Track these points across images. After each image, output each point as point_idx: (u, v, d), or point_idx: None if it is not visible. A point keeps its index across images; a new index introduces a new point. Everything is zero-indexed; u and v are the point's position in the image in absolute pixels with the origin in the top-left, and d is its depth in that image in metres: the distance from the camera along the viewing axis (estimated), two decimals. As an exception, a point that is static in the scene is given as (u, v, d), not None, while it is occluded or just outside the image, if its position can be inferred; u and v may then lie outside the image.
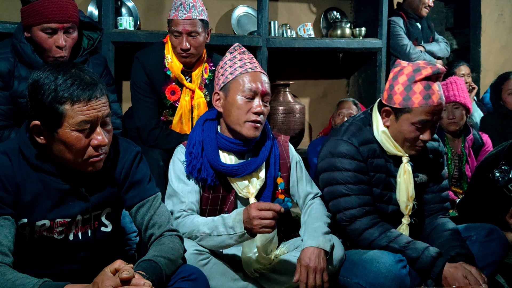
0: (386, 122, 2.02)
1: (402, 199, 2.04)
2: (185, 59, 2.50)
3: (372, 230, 1.97)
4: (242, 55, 1.98)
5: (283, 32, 3.62)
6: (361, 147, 2.01)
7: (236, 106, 1.90)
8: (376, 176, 2.03)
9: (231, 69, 1.95)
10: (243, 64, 1.94)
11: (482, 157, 2.83)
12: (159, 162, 2.39)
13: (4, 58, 2.21)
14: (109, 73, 2.51)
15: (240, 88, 1.91)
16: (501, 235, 2.08)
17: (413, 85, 1.94)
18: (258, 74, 1.93)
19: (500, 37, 4.73)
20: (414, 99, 1.93)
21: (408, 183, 2.03)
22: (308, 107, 4.05)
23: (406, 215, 2.07)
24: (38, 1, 2.13)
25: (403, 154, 2.03)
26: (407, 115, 1.95)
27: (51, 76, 1.44)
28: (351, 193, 1.99)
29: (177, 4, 2.46)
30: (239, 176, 1.94)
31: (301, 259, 1.84)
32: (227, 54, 2.01)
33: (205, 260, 1.77)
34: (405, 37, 3.85)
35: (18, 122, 2.27)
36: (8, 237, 1.42)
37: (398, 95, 1.97)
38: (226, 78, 1.95)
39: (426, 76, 1.93)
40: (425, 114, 1.93)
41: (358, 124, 2.08)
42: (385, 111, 2.02)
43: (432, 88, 1.93)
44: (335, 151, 2.02)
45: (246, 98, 1.90)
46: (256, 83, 1.91)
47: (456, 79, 2.99)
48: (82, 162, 1.50)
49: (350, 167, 1.99)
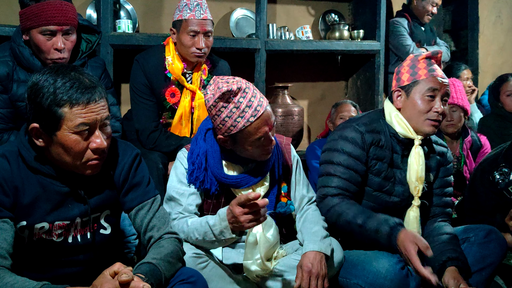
0: (398, 105, 2.10)
1: (411, 179, 2.07)
2: (199, 59, 2.54)
3: (338, 208, 1.99)
4: (239, 103, 1.78)
5: (281, 35, 3.62)
6: (367, 134, 2.07)
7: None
8: (378, 164, 2.08)
9: (231, 120, 1.79)
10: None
11: (480, 158, 2.83)
12: (158, 165, 2.39)
13: (3, 61, 2.21)
14: (108, 76, 2.51)
15: (252, 136, 1.80)
16: (500, 236, 2.08)
17: (417, 63, 2.10)
18: (263, 116, 1.80)
19: (498, 39, 4.74)
20: (420, 72, 2.07)
21: (418, 164, 2.06)
22: (307, 109, 4.06)
23: (416, 196, 2.09)
24: (37, 4, 2.13)
25: (415, 136, 2.07)
26: (416, 87, 2.06)
27: (50, 79, 1.44)
28: (336, 174, 2.05)
29: (193, 5, 2.50)
30: (243, 187, 1.92)
31: (302, 264, 1.82)
32: (219, 102, 1.79)
33: (204, 264, 1.77)
34: (408, 38, 3.90)
35: (17, 125, 2.27)
36: (7, 240, 1.42)
37: (405, 73, 2.10)
38: (229, 129, 1.81)
39: (427, 56, 2.10)
40: (432, 83, 2.04)
41: (371, 117, 2.16)
42: (396, 92, 2.12)
43: (434, 66, 2.09)
44: (342, 133, 2.10)
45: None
46: (264, 127, 1.80)
47: (454, 81, 2.99)
48: (81, 165, 1.50)
49: (348, 150, 2.05)
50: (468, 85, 3.82)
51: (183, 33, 2.51)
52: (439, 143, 2.25)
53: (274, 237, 1.90)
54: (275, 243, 1.91)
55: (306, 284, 1.79)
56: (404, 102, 2.09)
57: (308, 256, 1.83)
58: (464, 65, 3.96)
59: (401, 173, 2.10)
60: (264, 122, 1.80)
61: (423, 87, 2.05)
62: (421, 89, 2.05)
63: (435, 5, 4.02)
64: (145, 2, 3.40)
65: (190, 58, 2.54)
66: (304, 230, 1.98)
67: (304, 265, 1.81)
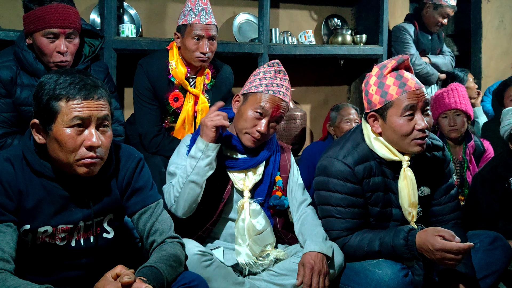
0: (377, 130, 1.97)
1: (404, 205, 1.98)
2: (203, 63, 2.55)
3: (351, 243, 1.96)
4: (276, 74, 2.03)
5: (284, 39, 3.63)
6: (357, 167, 1.95)
7: (244, 117, 2.00)
8: (374, 196, 1.99)
9: (259, 82, 2.02)
10: (271, 83, 2.00)
11: (483, 164, 2.82)
12: (161, 169, 2.40)
13: (7, 66, 2.22)
14: (111, 80, 2.52)
15: (254, 104, 1.99)
16: (505, 243, 2.06)
17: (384, 79, 1.92)
18: (277, 99, 1.99)
19: (501, 44, 4.74)
20: (391, 91, 1.89)
21: (409, 188, 1.96)
22: (309, 114, 4.06)
23: (411, 222, 2.01)
24: (40, 8, 2.15)
25: (402, 158, 1.96)
26: (391, 110, 1.90)
27: (55, 77, 1.48)
28: (340, 216, 1.98)
29: (198, 9, 2.51)
30: (237, 169, 2.03)
31: (305, 262, 1.84)
32: (265, 66, 2.08)
33: (208, 262, 1.78)
34: (413, 46, 3.83)
35: (21, 129, 2.28)
36: (10, 244, 1.42)
37: (374, 95, 1.94)
38: (250, 88, 2.04)
39: (393, 67, 1.92)
40: (408, 100, 1.87)
41: (355, 140, 2.03)
42: (371, 117, 1.97)
43: (404, 76, 1.90)
44: (330, 170, 1.98)
45: (255, 114, 1.98)
46: (270, 107, 1.98)
47: (457, 85, 2.99)
48: (74, 162, 1.48)
49: (342, 190, 1.96)
50: (475, 87, 3.84)
51: (188, 37, 2.52)
52: (433, 145, 2.10)
53: (262, 225, 1.99)
54: (263, 231, 1.98)
55: (308, 280, 1.81)
56: (382, 126, 1.94)
57: (310, 254, 1.86)
58: (464, 71, 3.93)
59: (395, 197, 2.01)
60: (274, 105, 1.98)
61: (398, 107, 1.88)
62: (397, 110, 1.88)
63: (447, 16, 3.88)
64: (148, 7, 3.41)
65: (194, 63, 2.55)
66: (305, 232, 2.00)
67: (307, 262, 1.84)
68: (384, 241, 1.89)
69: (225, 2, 3.64)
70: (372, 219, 2.02)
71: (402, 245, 1.85)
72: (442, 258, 1.76)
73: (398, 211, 2.03)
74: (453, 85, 3.00)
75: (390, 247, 1.88)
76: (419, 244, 1.82)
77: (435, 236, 1.77)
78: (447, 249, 1.74)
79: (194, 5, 2.52)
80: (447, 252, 1.74)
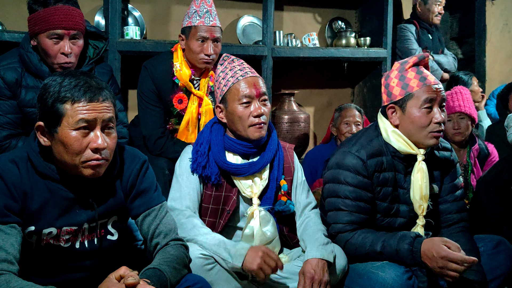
0: (395, 121, 2.01)
1: (416, 197, 2.01)
2: (207, 65, 2.55)
3: (353, 241, 1.96)
4: (231, 64, 2.04)
5: (288, 42, 3.63)
6: (369, 160, 1.98)
7: (237, 115, 1.97)
8: (382, 190, 2.01)
9: (224, 80, 2.02)
10: (234, 73, 2.00)
11: (488, 167, 2.81)
12: (165, 171, 2.40)
13: (12, 67, 2.22)
14: (115, 82, 2.53)
15: (236, 98, 1.97)
16: (509, 247, 2.05)
17: (405, 73, 1.99)
18: (249, 79, 1.99)
19: (505, 47, 4.73)
20: (412, 83, 1.97)
21: (422, 181, 1.99)
22: (313, 116, 4.06)
23: (420, 215, 2.03)
24: (45, 9, 2.15)
25: (417, 152, 2.00)
26: (411, 101, 1.96)
27: (59, 79, 1.48)
28: (346, 209, 1.98)
29: (203, 12, 2.52)
30: (243, 175, 1.98)
31: (305, 271, 1.82)
32: (218, 67, 2.08)
33: (211, 265, 1.77)
34: (415, 42, 3.89)
35: (25, 131, 2.29)
36: (14, 246, 1.42)
37: (395, 87, 2.00)
38: (222, 90, 2.02)
39: (414, 62, 2.00)
40: (427, 93, 1.95)
41: (369, 135, 2.07)
42: (390, 109, 2.03)
43: (424, 72, 1.99)
44: (342, 163, 2.01)
45: (243, 104, 1.96)
46: (250, 88, 1.97)
47: (461, 89, 2.98)
48: (80, 164, 1.49)
49: (352, 182, 1.98)
50: (480, 90, 3.84)
51: (192, 39, 2.52)
52: (442, 146, 2.16)
53: (271, 232, 1.95)
54: (273, 239, 1.95)
55: None
56: (400, 118, 2.00)
57: (310, 263, 1.83)
58: (468, 74, 3.94)
59: (404, 192, 2.04)
60: (252, 85, 1.97)
61: (418, 99, 1.95)
62: (416, 102, 1.95)
63: (439, 3, 3.97)
64: (152, 9, 3.42)
65: (198, 64, 2.55)
66: (306, 237, 1.98)
67: (307, 271, 1.82)
68: (387, 244, 1.90)
69: (229, 4, 3.65)
70: (379, 214, 2.03)
71: (406, 250, 1.86)
72: (443, 267, 1.78)
73: (405, 208, 2.05)
74: (458, 88, 3.00)
75: (393, 250, 1.88)
76: (423, 251, 1.83)
77: (441, 245, 1.79)
78: (451, 258, 1.76)
79: (199, 7, 2.53)
80: (451, 261, 1.76)
